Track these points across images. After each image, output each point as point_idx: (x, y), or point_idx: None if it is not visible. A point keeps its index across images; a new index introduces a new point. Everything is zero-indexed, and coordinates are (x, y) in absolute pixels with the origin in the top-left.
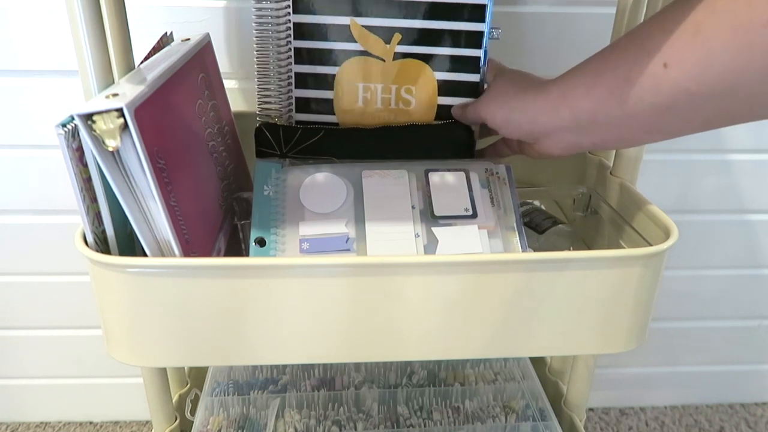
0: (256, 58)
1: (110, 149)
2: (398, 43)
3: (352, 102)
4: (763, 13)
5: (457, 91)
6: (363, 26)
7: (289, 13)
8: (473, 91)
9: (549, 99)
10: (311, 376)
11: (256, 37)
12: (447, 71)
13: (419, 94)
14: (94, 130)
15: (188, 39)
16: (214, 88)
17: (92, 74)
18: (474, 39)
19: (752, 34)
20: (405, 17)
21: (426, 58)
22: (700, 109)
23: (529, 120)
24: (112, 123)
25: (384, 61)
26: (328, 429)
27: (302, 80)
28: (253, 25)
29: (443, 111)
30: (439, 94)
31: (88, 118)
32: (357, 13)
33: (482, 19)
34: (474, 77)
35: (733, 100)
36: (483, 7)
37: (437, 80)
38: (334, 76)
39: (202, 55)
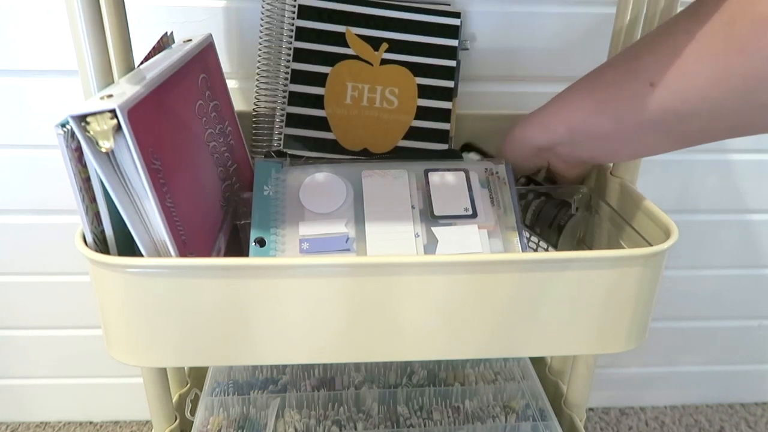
0: (260, 54)
1: (104, 150)
2: (385, 51)
3: (341, 99)
4: (738, 43)
5: (435, 94)
6: (356, 35)
7: (293, 18)
8: (447, 94)
9: (543, 117)
10: (311, 376)
11: (262, 35)
12: (426, 77)
13: (402, 96)
14: (88, 132)
15: (190, 40)
16: (216, 89)
17: (92, 74)
18: (448, 52)
19: (728, 61)
20: (392, 30)
21: (409, 65)
22: (685, 127)
23: (528, 141)
24: (105, 124)
25: (372, 65)
26: (328, 429)
27: (298, 77)
28: (261, 24)
29: (422, 111)
30: (419, 97)
31: (81, 119)
32: (352, 24)
33: (455, 36)
34: (449, 83)
35: (715, 120)
36: (456, 28)
37: (418, 84)
38: (326, 74)
39: (203, 55)
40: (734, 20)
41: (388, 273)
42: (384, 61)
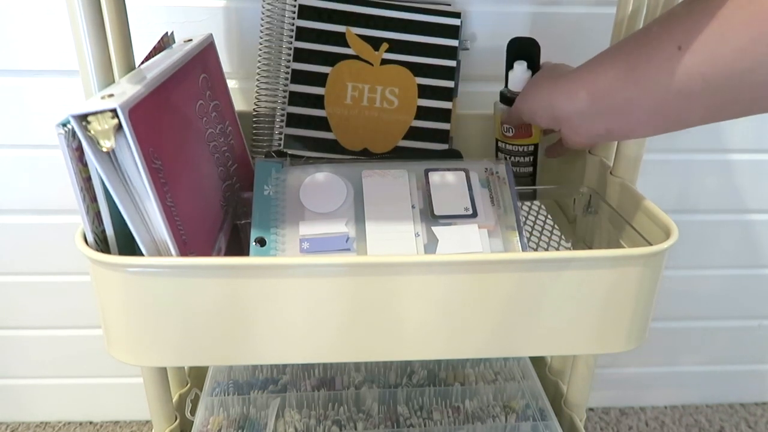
0: (260, 53)
1: (105, 150)
2: (386, 51)
3: (341, 99)
4: None
5: (435, 94)
6: (357, 35)
7: (294, 17)
8: (447, 94)
9: (568, 83)
10: (311, 376)
11: (263, 35)
12: (426, 77)
13: (402, 95)
14: (89, 131)
15: (190, 40)
16: (217, 89)
17: (92, 74)
18: (448, 52)
19: (762, 26)
20: (393, 30)
21: (409, 65)
22: (712, 96)
23: (549, 104)
24: (106, 124)
25: (372, 65)
26: (328, 429)
27: (298, 77)
28: (261, 24)
29: (422, 111)
30: (419, 96)
31: (82, 119)
32: (352, 24)
33: (455, 37)
34: (449, 83)
35: (744, 88)
36: (456, 28)
37: (418, 84)
38: (326, 74)
39: (203, 55)
40: None
41: (389, 273)
42: (384, 61)
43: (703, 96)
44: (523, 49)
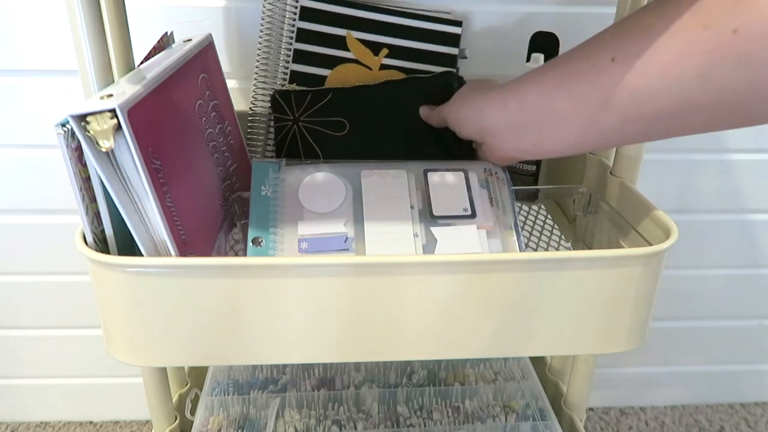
0: (259, 54)
1: (104, 150)
2: (385, 56)
3: None
4: (704, 16)
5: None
6: (357, 39)
7: (294, 19)
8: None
9: (500, 94)
10: (311, 376)
11: (262, 36)
12: None
13: None
14: (88, 131)
15: (190, 39)
16: (216, 89)
17: (92, 74)
18: (448, 60)
19: (692, 35)
20: (393, 36)
21: (407, 71)
22: (641, 110)
23: (479, 115)
24: (105, 124)
25: (371, 69)
26: (328, 429)
27: (296, 78)
28: (261, 24)
29: None
30: None
31: (82, 119)
32: (353, 28)
33: (456, 45)
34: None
35: (670, 103)
36: (457, 36)
37: None
38: (325, 77)
39: (203, 55)
40: None
41: (388, 273)
42: (383, 66)
43: (632, 109)
44: (544, 43)
